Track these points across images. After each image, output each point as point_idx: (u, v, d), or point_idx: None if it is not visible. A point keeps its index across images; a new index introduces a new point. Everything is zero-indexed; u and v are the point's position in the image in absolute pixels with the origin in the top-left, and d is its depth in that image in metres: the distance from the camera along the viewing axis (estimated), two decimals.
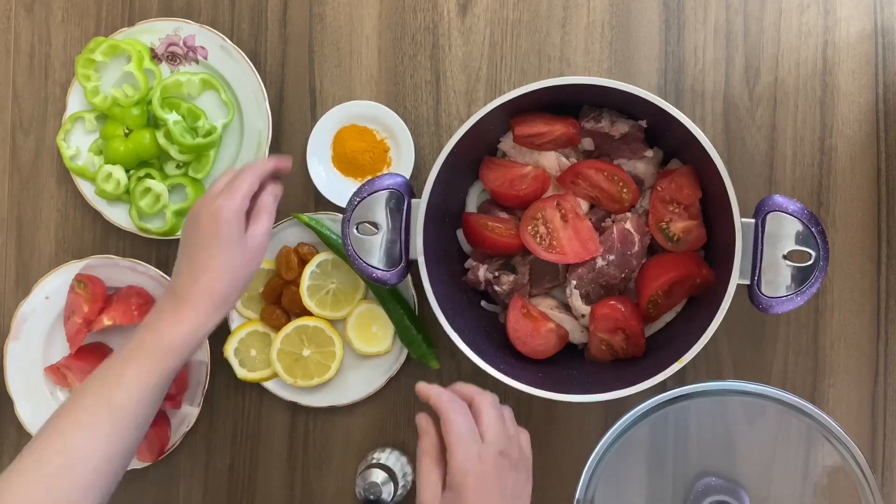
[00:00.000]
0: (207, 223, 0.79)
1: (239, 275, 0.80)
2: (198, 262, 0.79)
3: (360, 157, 0.93)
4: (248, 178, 0.82)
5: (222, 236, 0.78)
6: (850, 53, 0.91)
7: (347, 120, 0.93)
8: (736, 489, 0.84)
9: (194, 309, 0.77)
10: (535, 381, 0.80)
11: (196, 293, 0.78)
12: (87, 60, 0.93)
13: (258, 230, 0.81)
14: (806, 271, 0.77)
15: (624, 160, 0.87)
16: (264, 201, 0.83)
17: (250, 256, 0.80)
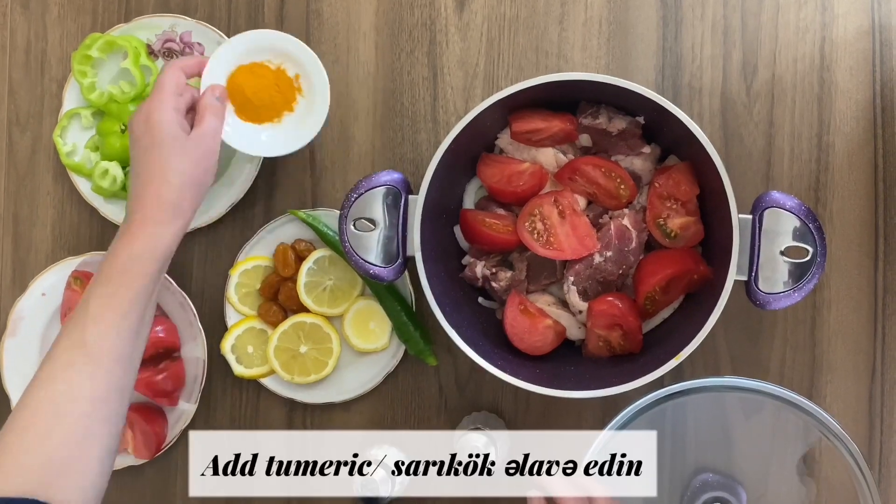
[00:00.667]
0: (141, 131, 0.76)
1: (188, 178, 0.75)
2: (140, 173, 0.75)
3: (262, 95, 0.85)
4: (169, 74, 0.78)
5: (157, 139, 0.74)
6: (848, 50, 0.91)
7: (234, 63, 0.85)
8: (733, 485, 0.84)
9: (145, 222, 0.73)
10: (532, 378, 0.80)
11: (144, 205, 0.74)
12: (84, 57, 0.93)
13: (203, 129, 0.77)
14: (803, 267, 0.77)
15: (621, 156, 0.87)
16: (205, 100, 0.79)
17: (198, 157, 0.76)
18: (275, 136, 0.86)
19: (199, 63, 0.82)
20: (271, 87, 0.85)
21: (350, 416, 0.95)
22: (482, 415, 0.92)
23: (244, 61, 0.85)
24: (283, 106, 0.86)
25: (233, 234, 0.96)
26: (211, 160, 0.77)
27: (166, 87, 0.77)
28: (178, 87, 0.78)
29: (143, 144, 0.75)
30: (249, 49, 0.85)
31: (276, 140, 0.86)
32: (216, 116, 0.79)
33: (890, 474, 0.91)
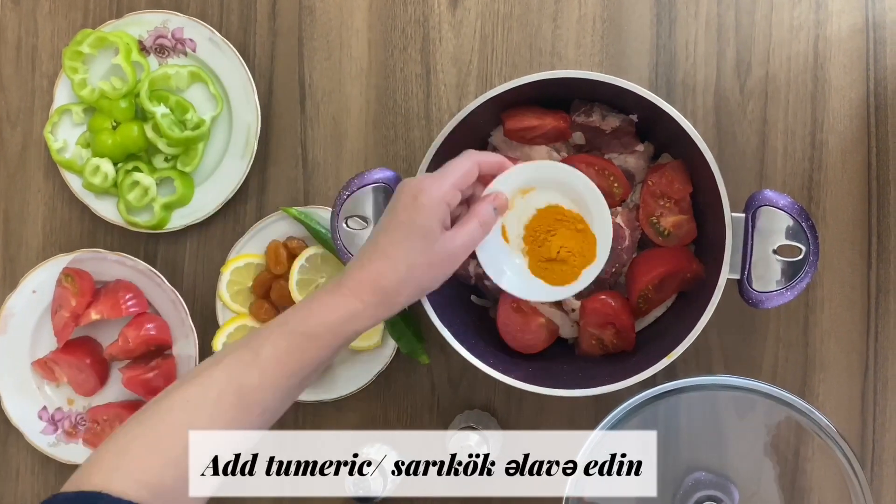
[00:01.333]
0: (405, 202, 0.69)
1: (416, 274, 0.68)
2: (378, 246, 0.69)
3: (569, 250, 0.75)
4: (465, 162, 0.71)
5: (412, 223, 0.68)
6: (842, 48, 0.91)
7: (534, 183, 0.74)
8: (726, 484, 0.84)
9: (354, 295, 0.67)
10: (525, 376, 0.80)
11: (360, 279, 0.68)
12: (75, 52, 0.92)
13: (458, 236, 0.69)
14: (796, 266, 0.77)
15: (615, 154, 0.86)
16: (481, 207, 0.71)
17: (437, 260, 0.69)
18: None
19: (500, 165, 0.74)
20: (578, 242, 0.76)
21: (342, 414, 0.95)
22: (475, 413, 0.92)
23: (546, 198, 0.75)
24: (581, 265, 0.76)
25: (224, 232, 0.95)
26: (448, 269, 0.70)
27: (453, 175, 0.70)
28: (465, 181, 0.71)
29: (398, 217, 0.69)
30: (558, 181, 0.74)
31: None
32: (482, 227, 0.71)
33: (882, 473, 0.91)
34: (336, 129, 0.95)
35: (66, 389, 0.96)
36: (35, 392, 0.95)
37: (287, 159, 0.95)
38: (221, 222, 0.95)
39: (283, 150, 0.95)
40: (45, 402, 0.96)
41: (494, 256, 0.75)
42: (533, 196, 0.76)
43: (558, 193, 0.76)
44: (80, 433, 0.95)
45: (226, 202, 0.93)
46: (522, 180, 0.74)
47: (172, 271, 0.96)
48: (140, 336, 0.92)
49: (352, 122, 0.95)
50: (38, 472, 0.97)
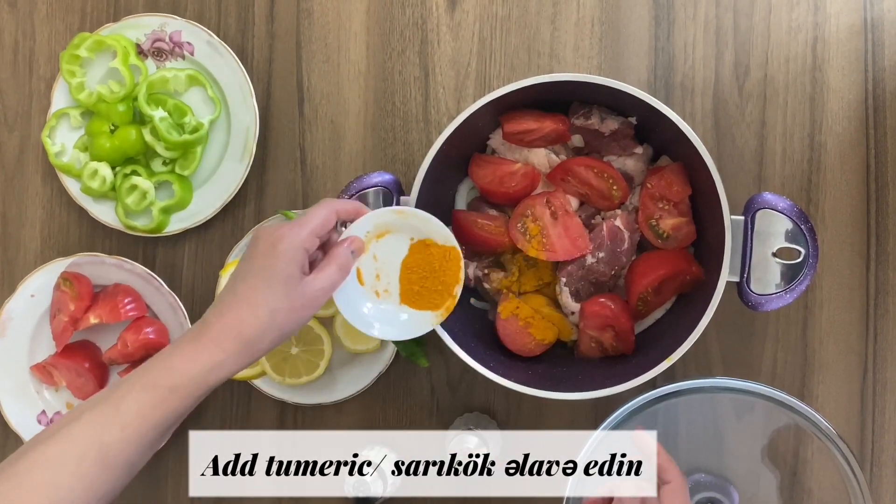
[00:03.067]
0: (263, 250, 0.69)
1: (278, 319, 0.68)
2: (236, 293, 0.68)
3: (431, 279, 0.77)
4: (322, 210, 0.72)
5: (272, 269, 0.68)
6: (840, 50, 0.91)
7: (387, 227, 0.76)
8: (725, 485, 0.84)
9: (215, 345, 0.67)
10: (524, 379, 0.80)
11: (221, 327, 0.67)
12: (72, 56, 0.92)
13: (319, 280, 0.70)
14: (795, 269, 0.77)
15: (614, 157, 0.86)
16: (339, 251, 0.73)
17: (299, 305, 0.69)
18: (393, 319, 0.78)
19: (356, 211, 0.75)
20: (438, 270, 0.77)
21: (342, 417, 0.95)
22: (474, 416, 0.92)
23: (408, 234, 0.77)
24: (445, 295, 0.77)
25: (223, 235, 0.95)
26: (309, 313, 0.70)
27: (311, 224, 0.70)
28: (323, 228, 0.71)
29: (256, 264, 0.69)
30: (408, 224, 0.76)
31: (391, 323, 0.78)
32: (341, 271, 0.72)
33: (882, 474, 0.91)
34: (334, 132, 0.95)
35: (65, 394, 0.96)
36: (34, 396, 0.95)
37: (285, 162, 0.95)
38: (220, 226, 0.95)
39: (281, 153, 0.95)
40: (44, 406, 0.95)
41: (351, 298, 0.77)
42: (387, 239, 0.77)
43: (409, 235, 0.77)
44: None
45: (224, 205, 0.93)
46: (375, 225, 0.76)
47: (171, 275, 0.95)
48: (139, 340, 0.92)
49: (350, 125, 0.95)
50: None
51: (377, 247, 0.77)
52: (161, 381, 0.66)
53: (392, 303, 0.78)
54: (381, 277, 0.77)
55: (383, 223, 0.76)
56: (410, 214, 0.76)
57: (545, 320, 0.86)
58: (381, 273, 0.77)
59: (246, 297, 0.68)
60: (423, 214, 0.76)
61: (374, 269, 0.77)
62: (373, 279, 0.77)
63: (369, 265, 0.77)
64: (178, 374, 0.67)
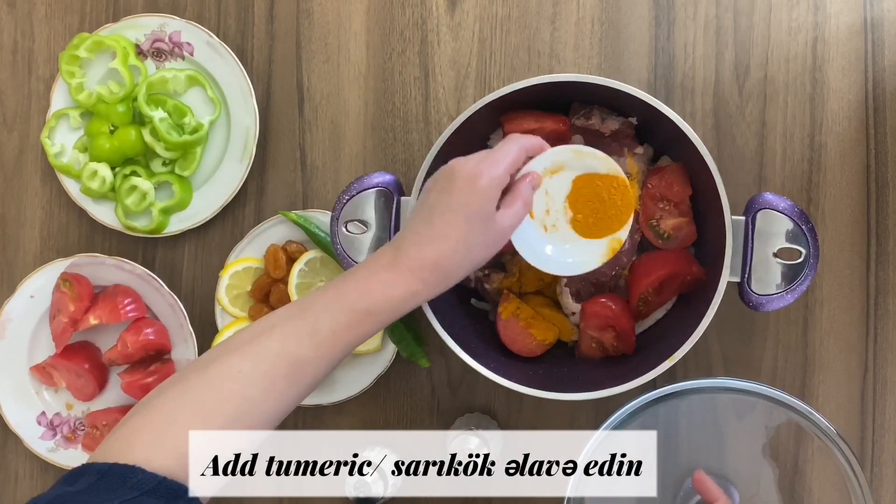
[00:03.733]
0: (462, 186, 0.69)
1: (473, 254, 0.70)
2: (434, 227, 0.69)
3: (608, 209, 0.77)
4: (514, 148, 0.72)
5: (472, 206, 0.69)
6: (840, 49, 0.91)
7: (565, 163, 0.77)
8: (726, 485, 0.84)
9: (414, 276, 0.68)
10: (525, 380, 0.80)
11: (421, 260, 0.68)
12: (72, 57, 0.92)
13: (509, 215, 0.71)
14: (796, 269, 0.77)
15: (614, 157, 0.86)
16: (522, 187, 0.73)
17: (492, 240, 0.71)
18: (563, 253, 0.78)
19: (541, 146, 0.76)
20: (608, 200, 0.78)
21: (342, 418, 0.94)
22: (475, 416, 0.92)
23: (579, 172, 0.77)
24: (608, 229, 0.78)
25: (223, 236, 0.95)
26: (500, 247, 0.72)
27: (506, 160, 0.71)
28: (515, 165, 0.72)
29: (454, 198, 0.69)
30: (583, 163, 0.77)
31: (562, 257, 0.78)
32: (525, 207, 0.73)
33: (882, 474, 0.91)
34: (334, 133, 0.95)
35: (64, 394, 0.95)
36: (34, 397, 0.95)
37: (285, 163, 0.95)
38: (220, 226, 0.95)
39: (281, 153, 0.95)
40: (44, 407, 0.95)
41: (523, 233, 0.77)
42: (560, 175, 0.77)
43: (581, 173, 0.78)
44: (79, 438, 0.95)
45: (224, 206, 0.93)
46: (553, 161, 0.77)
47: (171, 276, 0.95)
48: (139, 341, 0.91)
49: (350, 126, 0.94)
50: (36, 477, 0.97)
51: (550, 182, 0.77)
52: (359, 304, 0.67)
53: (559, 238, 0.78)
54: (551, 212, 0.78)
55: (560, 161, 0.77)
56: (587, 154, 0.76)
57: (546, 321, 0.86)
58: (550, 209, 0.78)
59: (445, 233, 0.69)
60: (599, 154, 0.76)
61: (545, 204, 0.78)
62: (542, 213, 0.78)
63: (540, 200, 0.77)
64: (376, 300, 0.68)
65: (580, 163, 0.77)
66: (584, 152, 0.77)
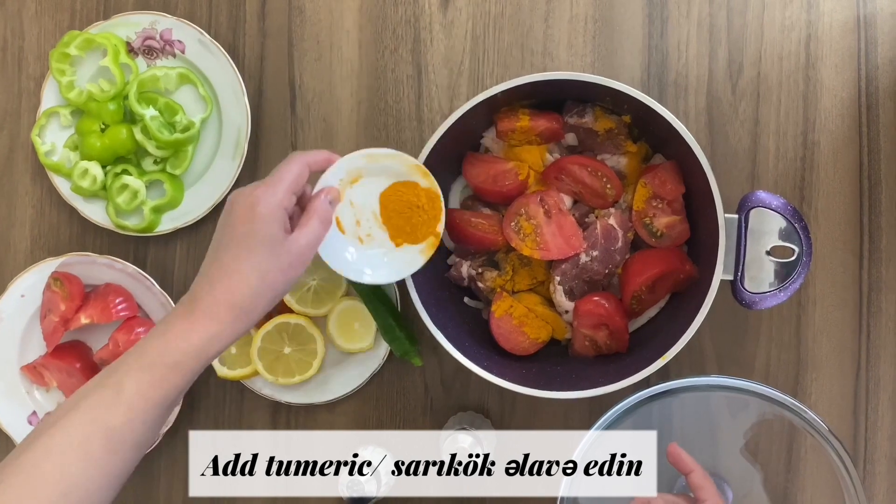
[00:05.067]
0: (241, 216, 0.68)
1: (269, 282, 0.68)
2: (221, 264, 0.68)
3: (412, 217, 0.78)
4: (294, 166, 0.71)
5: (255, 235, 0.67)
6: (833, 48, 0.91)
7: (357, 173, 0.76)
8: (719, 483, 0.84)
9: (209, 318, 0.67)
10: (518, 378, 0.80)
11: (213, 300, 0.67)
12: (62, 54, 0.91)
13: (303, 236, 0.70)
14: (789, 267, 0.77)
15: (607, 155, 0.86)
16: (317, 204, 0.72)
17: (287, 264, 0.69)
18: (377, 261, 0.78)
19: (327, 159, 0.75)
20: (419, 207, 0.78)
21: (335, 417, 0.94)
22: (468, 415, 0.92)
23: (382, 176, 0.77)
24: (427, 232, 0.78)
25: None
26: (299, 270, 0.70)
27: (285, 181, 0.70)
28: (297, 184, 0.71)
29: (235, 231, 0.68)
30: (381, 165, 0.76)
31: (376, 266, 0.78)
32: (323, 224, 0.71)
33: (875, 471, 0.91)
34: (327, 131, 0.94)
35: (55, 394, 0.95)
36: (24, 397, 0.94)
37: (278, 161, 0.92)
38: (212, 225, 0.95)
39: (273, 151, 0.94)
40: (35, 407, 0.95)
41: (335, 249, 0.77)
42: (361, 184, 0.77)
43: (384, 177, 0.77)
44: None
45: (216, 205, 0.93)
46: (347, 171, 0.76)
47: (163, 275, 0.95)
48: (130, 340, 0.91)
49: (343, 124, 0.94)
50: None
51: (352, 193, 0.77)
52: (159, 359, 0.66)
53: (377, 246, 0.78)
54: (362, 223, 0.78)
55: (355, 168, 0.76)
56: (381, 156, 0.76)
57: (539, 319, 0.86)
58: (360, 219, 0.77)
59: (232, 267, 0.67)
60: (390, 152, 0.76)
61: (353, 215, 0.77)
62: (353, 226, 0.77)
63: (347, 212, 0.77)
64: (176, 351, 0.66)
65: (377, 165, 0.76)
66: (377, 154, 0.76)
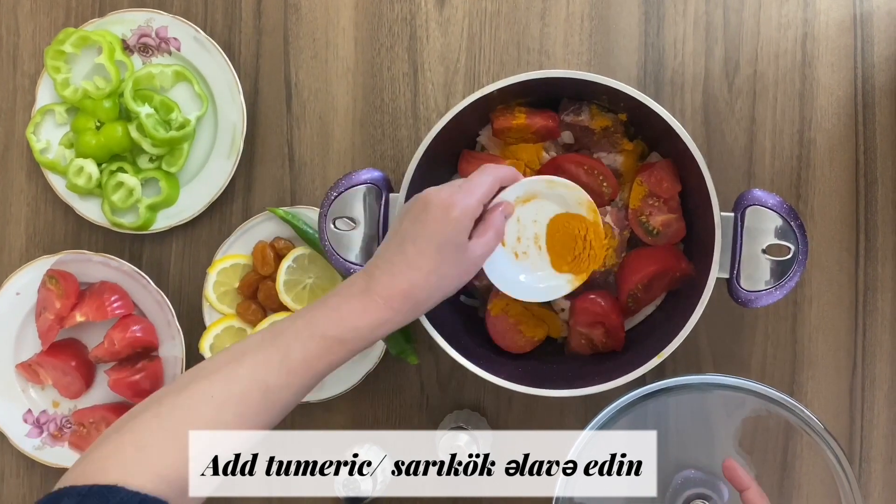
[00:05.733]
0: (435, 216, 0.70)
1: (445, 284, 0.71)
2: (407, 255, 0.70)
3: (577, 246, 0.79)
4: (488, 179, 0.73)
5: (445, 236, 0.70)
6: (830, 46, 0.91)
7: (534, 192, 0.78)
8: (714, 482, 0.84)
9: (385, 303, 0.69)
10: (514, 376, 0.80)
11: (393, 289, 0.69)
12: (57, 52, 0.91)
13: (481, 245, 0.72)
14: (785, 265, 0.77)
15: (604, 154, 0.86)
16: (495, 217, 0.74)
17: (464, 269, 0.72)
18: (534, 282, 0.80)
19: (514, 177, 0.77)
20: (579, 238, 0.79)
21: (331, 415, 0.94)
22: (464, 413, 0.92)
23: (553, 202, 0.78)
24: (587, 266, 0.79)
25: (211, 232, 0.95)
26: (471, 276, 0.73)
27: (479, 191, 0.72)
28: (488, 196, 0.74)
29: (427, 227, 0.70)
30: (555, 193, 0.77)
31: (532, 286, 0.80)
32: (497, 237, 0.74)
33: (870, 469, 0.91)
34: (323, 129, 0.94)
35: (51, 392, 0.95)
36: (20, 395, 0.94)
37: (273, 159, 0.94)
38: (207, 223, 0.94)
39: (269, 149, 0.94)
40: (30, 404, 0.95)
41: (494, 260, 0.78)
42: (532, 204, 0.78)
43: (555, 204, 0.78)
44: (66, 436, 0.94)
45: (212, 203, 0.92)
46: (526, 191, 0.78)
47: (158, 273, 0.95)
48: (126, 338, 0.91)
49: (338, 122, 0.94)
50: (23, 475, 0.96)
51: (521, 210, 0.78)
52: (330, 332, 0.68)
53: (532, 266, 0.79)
54: (522, 240, 0.79)
55: (532, 190, 0.77)
56: (559, 184, 0.77)
57: (535, 317, 0.86)
58: (521, 236, 0.79)
59: (417, 262, 0.69)
60: (571, 184, 0.77)
61: (517, 231, 0.78)
62: (514, 241, 0.79)
63: (513, 227, 0.78)
64: (347, 328, 0.68)
65: (552, 192, 0.77)
66: (557, 182, 0.77)
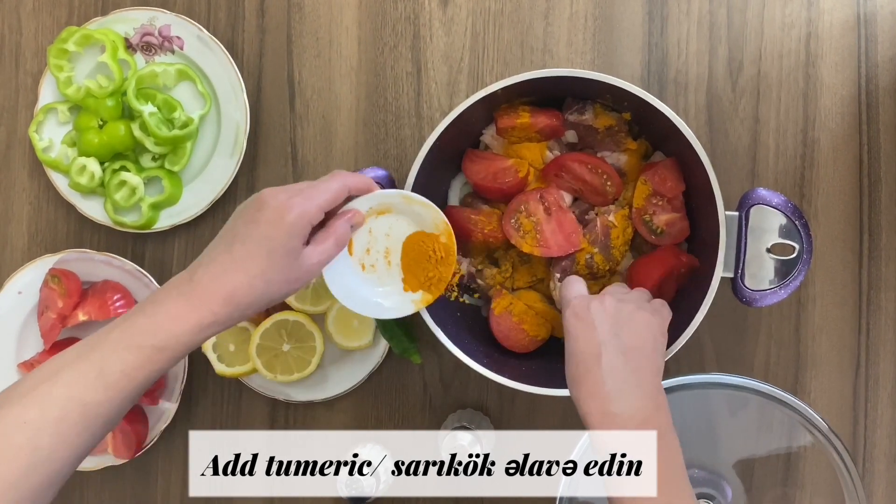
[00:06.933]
0: (269, 217, 0.67)
1: (271, 289, 0.67)
2: (234, 256, 0.66)
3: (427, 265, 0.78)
4: (334, 185, 0.70)
5: (276, 240, 0.66)
6: (833, 45, 0.91)
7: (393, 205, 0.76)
8: (718, 481, 0.84)
9: (205, 307, 0.65)
10: (518, 376, 0.80)
11: (214, 290, 0.66)
12: (60, 50, 0.91)
13: (318, 252, 0.69)
14: (789, 264, 0.77)
15: (608, 152, 0.86)
16: (338, 225, 0.71)
17: (293, 277, 0.68)
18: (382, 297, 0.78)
19: (367, 188, 0.74)
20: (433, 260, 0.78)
21: (334, 414, 0.94)
22: (467, 412, 0.92)
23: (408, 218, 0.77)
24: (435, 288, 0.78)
25: (213, 231, 0.94)
26: (302, 284, 0.69)
27: (321, 197, 0.69)
28: (332, 203, 0.70)
29: (258, 228, 0.67)
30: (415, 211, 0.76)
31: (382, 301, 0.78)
32: (337, 246, 0.71)
33: (874, 468, 0.91)
34: (326, 128, 0.94)
35: None
36: None
37: (276, 158, 0.94)
38: (210, 222, 0.94)
39: (272, 148, 0.94)
40: None
41: (337, 269, 0.76)
42: (386, 217, 0.77)
43: (411, 221, 0.77)
44: None
45: (214, 201, 0.92)
46: (380, 203, 0.76)
47: (160, 271, 0.95)
48: None
49: (342, 121, 0.94)
50: None
51: (375, 222, 0.77)
52: (147, 341, 0.64)
53: (378, 281, 0.78)
54: (371, 252, 0.77)
55: (388, 203, 0.76)
56: (416, 201, 0.76)
57: (539, 316, 0.86)
58: (371, 248, 0.77)
59: (244, 264, 0.66)
60: (426, 202, 0.76)
61: (367, 243, 0.77)
62: (362, 252, 0.77)
63: (363, 237, 0.77)
64: (165, 334, 0.65)
65: (409, 208, 0.76)
66: (414, 199, 0.76)
